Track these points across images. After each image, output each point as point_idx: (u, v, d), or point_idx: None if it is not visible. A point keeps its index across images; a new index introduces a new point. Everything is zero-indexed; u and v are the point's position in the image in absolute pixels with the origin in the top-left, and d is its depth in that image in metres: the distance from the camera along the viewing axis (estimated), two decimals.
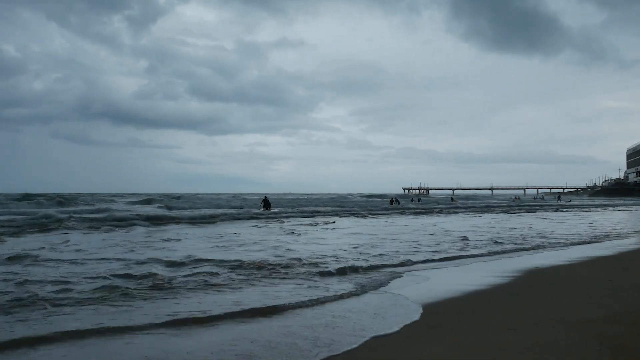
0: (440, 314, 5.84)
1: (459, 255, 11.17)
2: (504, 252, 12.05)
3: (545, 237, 15.60)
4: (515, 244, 13.70)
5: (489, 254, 11.67)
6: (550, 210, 40.85)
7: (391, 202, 56.12)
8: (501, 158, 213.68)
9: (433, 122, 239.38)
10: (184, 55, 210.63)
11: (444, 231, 17.79)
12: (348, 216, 30.29)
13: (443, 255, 11.13)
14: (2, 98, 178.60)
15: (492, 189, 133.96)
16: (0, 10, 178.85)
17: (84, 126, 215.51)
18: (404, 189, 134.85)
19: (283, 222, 23.85)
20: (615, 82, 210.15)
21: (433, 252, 11.64)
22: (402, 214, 33.58)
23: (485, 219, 27.83)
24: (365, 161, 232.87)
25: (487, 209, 42.29)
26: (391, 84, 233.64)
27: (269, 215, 28.18)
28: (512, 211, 38.24)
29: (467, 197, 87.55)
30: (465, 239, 14.53)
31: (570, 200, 71.82)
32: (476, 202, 64.01)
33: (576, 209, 42.16)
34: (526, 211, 38.53)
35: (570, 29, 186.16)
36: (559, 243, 14.07)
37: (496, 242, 13.79)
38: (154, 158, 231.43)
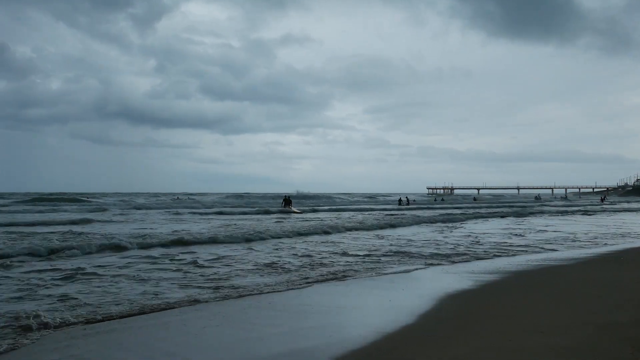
0: (465, 314, 5.85)
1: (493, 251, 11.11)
2: (528, 252, 11.90)
3: (573, 238, 15.33)
4: (539, 243, 13.50)
5: (509, 253, 11.56)
6: (578, 214, 39.92)
7: (399, 202, 53.81)
8: (525, 157, 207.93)
9: (450, 120, 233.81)
10: (192, 54, 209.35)
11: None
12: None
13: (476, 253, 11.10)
14: (21, 99, 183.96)
15: (518, 188, 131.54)
16: (12, 12, 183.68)
17: (101, 126, 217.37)
18: (428, 188, 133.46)
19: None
20: None
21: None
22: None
23: (510, 219, 27.40)
24: (385, 160, 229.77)
25: (520, 209, 41.55)
26: (401, 79, 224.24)
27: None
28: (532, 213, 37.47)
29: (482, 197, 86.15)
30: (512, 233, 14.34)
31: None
32: (505, 202, 62.98)
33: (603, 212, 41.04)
34: (548, 213, 37.73)
35: (589, 12, 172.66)
36: (588, 243, 13.81)
37: (518, 245, 13.59)
38: (172, 158, 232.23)
